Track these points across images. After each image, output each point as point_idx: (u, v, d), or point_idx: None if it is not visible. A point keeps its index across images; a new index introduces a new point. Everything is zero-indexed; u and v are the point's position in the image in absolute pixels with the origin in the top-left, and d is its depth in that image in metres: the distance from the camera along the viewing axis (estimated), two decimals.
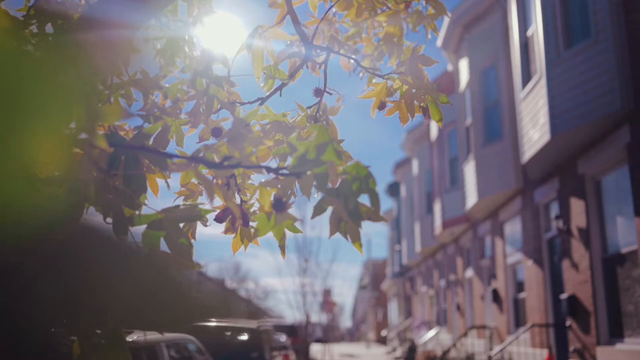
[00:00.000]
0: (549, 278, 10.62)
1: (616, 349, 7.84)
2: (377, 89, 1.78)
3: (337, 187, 1.18)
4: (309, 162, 1.06)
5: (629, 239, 7.80)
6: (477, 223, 15.43)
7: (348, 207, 1.12)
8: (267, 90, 1.56)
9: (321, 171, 1.08)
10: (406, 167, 26.97)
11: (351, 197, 1.12)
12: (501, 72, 12.36)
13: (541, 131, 9.00)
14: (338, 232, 1.18)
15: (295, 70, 1.61)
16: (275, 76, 1.50)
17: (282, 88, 1.57)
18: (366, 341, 48.41)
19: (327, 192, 1.13)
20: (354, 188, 1.08)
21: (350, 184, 1.12)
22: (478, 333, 14.95)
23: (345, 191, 1.14)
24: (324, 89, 1.93)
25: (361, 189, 1.11)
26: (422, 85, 1.93)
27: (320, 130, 1.10)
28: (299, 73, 2.12)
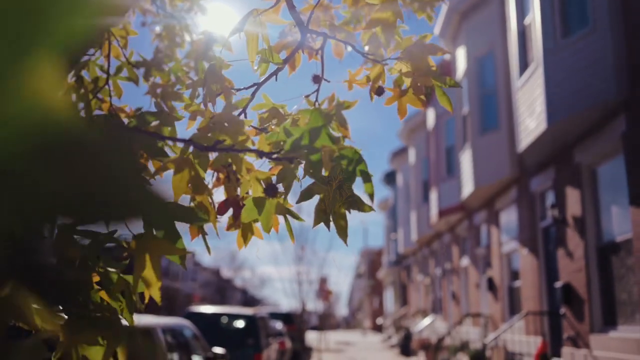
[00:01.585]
0: (544, 266, 10.67)
1: (609, 337, 7.90)
2: (373, 73, 1.77)
3: (330, 173, 1.18)
4: (302, 147, 1.07)
5: (623, 228, 7.84)
6: (473, 212, 15.47)
7: (341, 194, 1.12)
8: (260, 73, 1.55)
9: (316, 158, 1.08)
10: (403, 156, 26.98)
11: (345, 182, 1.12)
12: (498, 60, 12.34)
13: (538, 120, 9.01)
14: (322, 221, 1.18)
15: (290, 55, 1.61)
16: (270, 60, 1.50)
17: (278, 72, 1.56)
18: (362, 329, 48.68)
19: (319, 180, 1.13)
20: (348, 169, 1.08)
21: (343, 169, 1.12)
22: (473, 321, 15.05)
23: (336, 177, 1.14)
24: (321, 75, 1.92)
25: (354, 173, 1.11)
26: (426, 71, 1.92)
27: (313, 114, 1.10)
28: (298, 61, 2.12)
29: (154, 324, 6.07)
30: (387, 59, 1.86)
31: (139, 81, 2.36)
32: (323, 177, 1.14)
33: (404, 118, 1.87)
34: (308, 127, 1.07)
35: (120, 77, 2.14)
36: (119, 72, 2.28)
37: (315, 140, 1.08)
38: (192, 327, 7.80)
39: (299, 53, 1.97)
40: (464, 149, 14.00)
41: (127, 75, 2.26)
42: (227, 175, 1.75)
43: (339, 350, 25.07)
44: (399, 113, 1.88)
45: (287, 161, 1.13)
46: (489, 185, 12.54)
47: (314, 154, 1.08)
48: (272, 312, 20.75)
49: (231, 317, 12.09)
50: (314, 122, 1.08)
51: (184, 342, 7.07)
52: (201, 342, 7.73)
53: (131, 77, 2.25)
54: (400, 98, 1.79)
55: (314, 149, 1.08)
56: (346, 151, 1.11)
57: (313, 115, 1.11)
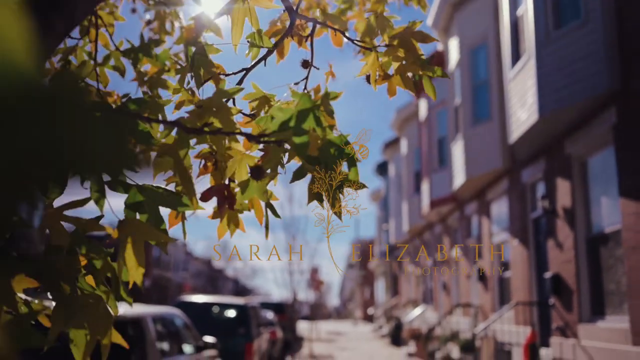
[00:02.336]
0: (534, 257, 10.74)
1: (597, 326, 7.98)
2: (369, 62, 1.77)
3: (318, 156, 1.17)
4: (289, 128, 1.06)
5: (612, 219, 7.89)
6: (464, 203, 15.53)
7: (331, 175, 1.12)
8: (252, 58, 1.54)
9: (302, 141, 1.07)
10: (395, 146, 27.00)
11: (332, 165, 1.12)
12: (491, 51, 12.34)
13: (529, 111, 9.03)
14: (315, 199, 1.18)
15: (280, 40, 1.60)
16: (259, 44, 1.48)
17: (267, 57, 1.55)
18: (353, 319, 48.90)
19: (307, 160, 1.13)
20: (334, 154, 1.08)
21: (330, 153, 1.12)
22: (463, 311, 15.15)
23: (325, 160, 1.13)
24: (311, 62, 1.91)
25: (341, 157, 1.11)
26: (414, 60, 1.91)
27: (302, 97, 1.09)
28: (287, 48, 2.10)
29: (144, 312, 6.07)
30: (378, 46, 1.86)
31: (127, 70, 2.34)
32: (312, 158, 1.14)
33: (392, 97, 1.86)
34: (296, 109, 1.07)
35: (108, 65, 2.12)
36: (107, 60, 2.25)
37: (303, 122, 1.07)
38: (182, 316, 7.80)
39: (288, 40, 1.96)
40: (455, 140, 14.03)
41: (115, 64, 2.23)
42: (214, 163, 1.74)
43: (330, 340, 25.19)
44: (389, 92, 1.88)
45: (275, 144, 1.12)
46: (481, 176, 12.58)
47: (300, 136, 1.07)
48: (263, 301, 20.79)
49: (222, 306, 12.11)
50: (303, 104, 1.08)
51: (174, 331, 7.07)
52: (192, 331, 7.74)
53: (118, 67, 2.22)
54: (387, 80, 1.78)
55: (301, 130, 1.07)
56: (334, 137, 1.11)
57: (302, 98, 1.10)
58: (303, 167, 1.20)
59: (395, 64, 1.89)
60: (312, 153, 1.12)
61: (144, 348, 5.66)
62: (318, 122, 1.12)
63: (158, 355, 5.93)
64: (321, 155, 1.18)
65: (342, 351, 19.99)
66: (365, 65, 1.69)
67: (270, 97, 1.57)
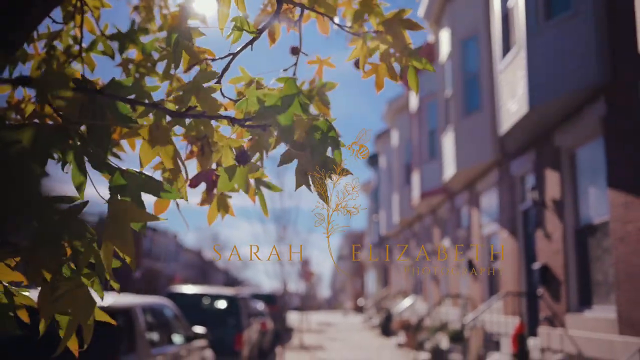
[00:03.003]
0: (523, 248, 10.81)
1: (585, 316, 8.05)
2: (357, 47, 1.76)
3: (304, 141, 1.17)
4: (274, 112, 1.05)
5: (601, 211, 7.95)
6: (454, 194, 15.59)
7: (315, 159, 1.11)
8: (233, 41, 1.53)
9: (286, 123, 1.07)
10: (386, 138, 27.03)
11: (318, 149, 1.11)
12: (482, 43, 12.35)
13: (519, 103, 9.05)
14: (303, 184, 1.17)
15: (267, 24, 1.58)
16: (244, 28, 1.47)
17: (253, 42, 1.54)
18: (344, 310, 49.08)
19: (293, 145, 1.12)
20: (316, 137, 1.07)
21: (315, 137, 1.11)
22: (453, 302, 15.24)
23: (311, 144, 1.13)
24: (299, 48, 1.90)
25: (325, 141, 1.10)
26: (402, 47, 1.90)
27: (287, 82, 1.08)
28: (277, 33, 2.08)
29: (133, 303, 6.05)
30: (367, 32, 1.85)
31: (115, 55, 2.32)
32: (297, 144, 1.13)
33: (380, 91, 1.86)
34: (281, 94, 1.06)
35: (96, 50, 2.09)
36: (94, 45, 2.22)
37: (288, 107, 1.07)
38: (172, 306, 7.79)
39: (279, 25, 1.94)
40: (446, 132, 14.05)
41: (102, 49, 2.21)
42: (200, 147, 1.73)
43: (321, 331, 25.28)
44: (376, 86, 1.87)
45: (260, 129, 1.11)
46: (471, 168, 12.62)
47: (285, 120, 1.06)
48: (254, 292, 20.81)
49: (213, 297, 12.11)
50: (288, 90, 1.07)
51: (164, 322, 7.06)
52: (182, 322, 7.73)
53: (106, 51, 2.20)
54: (377, 70, 1.78)
55: (287, 116, 1.06)
56: (319, 122, 1.10)
57: (287, 83, 1.09)
58: (291, 152, 1.20)
59: (381, 47, 1.88)
60: (298, 138, 1.11)
61: (133, 338, 5.65)
62: (303, 107, 1.11)
63: (147, 345, 5.92)
64: (306, 140, 1.17)
65: (333, 342, 20.07)
66: (354, 50, 1.68)
67: (258, 81, 1.56)
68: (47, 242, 1.12)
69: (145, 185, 1.27)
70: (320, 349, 17.65)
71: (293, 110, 1.06)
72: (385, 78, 1.96)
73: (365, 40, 1.68)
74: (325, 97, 1.79)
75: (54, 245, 1.19)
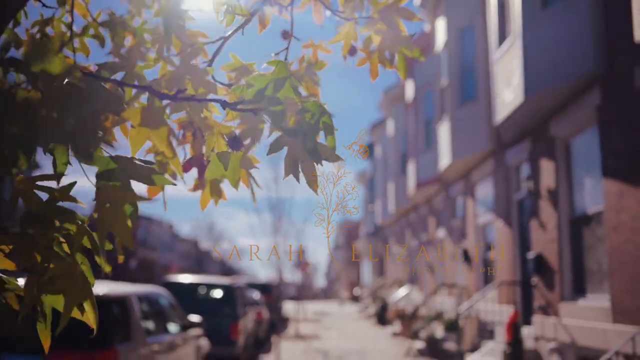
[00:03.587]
0: (518, 238, 10.85)
1: (578, 305, 8.10)
2: (344, 31, 1.75)
3: (295, 126, 1.16)
4: (265, 97, 1.04)
5: (595, 200, 7.98)
6: (449, 184, 15.61)
7: (306, 145, 1.11)
8: (226, 24, 1.52)
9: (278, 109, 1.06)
10: (382, 127, 27.00)
11: (309, 134, 1.10)
12: (478, 32, 12.32)
13: (515, 92, 9.04)
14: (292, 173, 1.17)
15: (258, 8, 1.57)
16: (236, 12, 1.46)
17: (245, 25, 1.53)
18: (339, 299, 49.25)
19: (284, 131, 1.12)
20: (311, 123, 1.07)
21: (308, 122, 1.11)
22: (448, 291, 15.30)
23: (303, 130, 1.12)
24: (291, 32, 1.89)
25: (318, 126, 1.09)
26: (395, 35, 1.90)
27: (279, 66, 1.08)
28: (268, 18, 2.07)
29: (128, 291, 6.06)
30: (360, 17, 1.84)
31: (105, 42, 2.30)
32: (289, 130, 1.13)
33: (376, 79, 1.86)
34: (272, 77, 1.05)
35: (87, 34, 2.08)
36: (87, 31, 2.21)
37: (279, 90, 1.06)
38: (168, 295, 7.81)
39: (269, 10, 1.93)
40: (442, 121, 14.05)
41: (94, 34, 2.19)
42: (194, 133, 1.72)
43: (317, 320, 25.37)
44: (371, 74, 1.87)
45: (251, 113, 1.11)
46: (466, 158, 12.63)
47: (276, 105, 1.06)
48: (249, 282, 20.85)
49: (208, 286, 12.14)
50: (279, 73, 1.06)
51: (159, 310, 7.07)
52: (177, 311, 7.75)
53: (98, 36, 2.18)
54: (370, 59, 1.77)
55: (277, 99, 1.06)
56: (310, 104, 1.09)
57: (278, 66, 1.09)
58: (280, 139, 1.19)
59: (376, 38, 1.88)
60: (289, 121, 1.11)
61: (129, 327, 5.66)
62: (295, 91, 1.11)
63: (143, 333, 5.94)
64: (298, 125, 1.17)
65: (328, 331, 20.16)
66: (339, 34, 1.67)
67: (249, 67, 1.55)
68: (36, 222, 1.12)
69: (136, 171, 1.26)
70: (316, 338, 17.73)
71: (284, 94, 1.06)
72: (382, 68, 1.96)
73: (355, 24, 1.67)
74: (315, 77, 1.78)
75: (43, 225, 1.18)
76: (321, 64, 2.05)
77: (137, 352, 5.64)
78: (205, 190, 1.78)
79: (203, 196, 1.79)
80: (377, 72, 1.97)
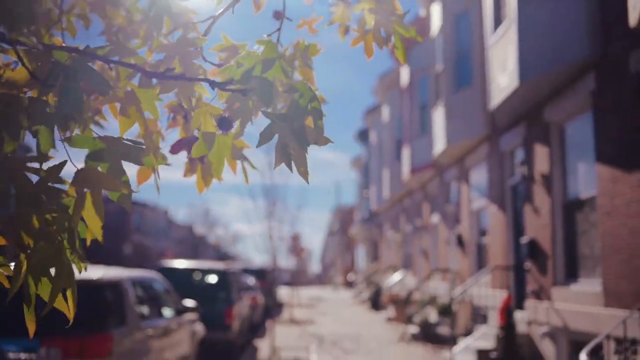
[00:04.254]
0: (512, 223, 10.89)
1: (570, 289, 8.16)
2: (339, 12, 1.73)
3: (285, 112, 1.15)
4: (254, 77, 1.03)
5: (588, 185, 8.00)
6: (444, 169, 15.63)
7: (293, 126, 1.09)
8: (217, 2, 1.50)
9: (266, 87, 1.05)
10: (377, 113, 26.95)
11: (297, 117, 1.09)
12: (473, 17, 12.26)
13: (510, 77, 9.02)
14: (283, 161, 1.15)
15: None
16: None
17: (235, 4, 1.51)
18: (334, 285, 49.46)
19: (273, 116, 1.10)
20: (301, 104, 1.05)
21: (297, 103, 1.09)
22: (442, 276, 15.38)
23: (292, 113, 1.11)
24: (283, 12, 1.87)
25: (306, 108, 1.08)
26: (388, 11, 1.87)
27: (268, 45, 1.06)
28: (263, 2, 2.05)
29: (122, 276, 6.06)
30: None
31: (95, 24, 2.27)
32: (279, 115, 1.11)
33: (370, 57, 1.84)
34: (261, 57, 1.04)
35: (73, 13, 2.04)
36: (72, 9, 2.17)
37: (268, 70, 1.04)
38: (162, 280, 7.81)
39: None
40: (436, 107, 14.03)
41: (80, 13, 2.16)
42: (184, 116, 1.71)
43: (311, 306, 25.49)
44: (366, 52, 1.85)
45: (241, 93, 1.09)
46: (461, 143, 12.64)
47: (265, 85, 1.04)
48: (244, 267, 20.89)
49: (203, 272, 12.15)
50: (268, 53, 1.05)
51: (154, 295, 7.08)
52: (172, 295, 7.76)
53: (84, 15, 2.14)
54: (364, 38, 1.75)
55: (266, 80, 1.04)
56: (299, 84, 1.08)
57: (268, 46, 1.07)
58: (271, 128, 1.17)
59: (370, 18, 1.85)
60: (278, 101, 1.10)
61: (123, 311, 5.67)
62: (284, 71, 1.09)
63: (137, 318, 5.95)
64: (287, 109, 1.15)
65: (323, 316, 20.26)
66: (334, 15, 1.66)
67: (240, 47, 1.54)
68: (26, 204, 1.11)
69: (126, 151, 1.24)
70: (310, 323, 17.82)
71: (273, 74, 1.05)
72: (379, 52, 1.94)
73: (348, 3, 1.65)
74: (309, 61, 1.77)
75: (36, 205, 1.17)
76: (314, 48, 2.03)
77: (132, 336, 5.65)
78: (198, 175, 1.77)
79: (198, 179, 1.78)
80: (371, 50, 1.95)
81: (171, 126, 1.64)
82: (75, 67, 1.09)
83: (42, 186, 1.22)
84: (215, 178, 1.52)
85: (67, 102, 1.09)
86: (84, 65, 1.09)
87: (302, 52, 1.97)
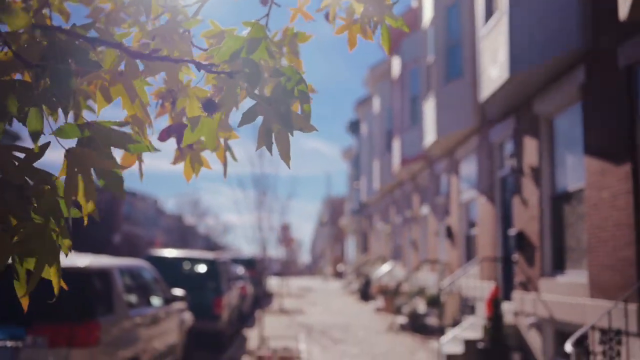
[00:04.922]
0: (500, 215, 10.96)
1: (557, 281, 8.23)
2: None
3: (270, 94, 1.14)
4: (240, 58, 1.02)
5: (577, 178, 8.06)
6: (434, 161, 15.67)
7: (279, 110, 1.09)
8: None
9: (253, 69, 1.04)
10: (368, 104, 26.94)
11: (283, 100, 1.08)
12: (465, 8, 12.26)
13: (500, 69, 9.04)
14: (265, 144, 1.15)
15: None
16: None
17: None
18: (323, 275, 49.60)
19: (259, 98, 1.10)
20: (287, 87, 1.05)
21: (283, 87, 1.09)
22: (431, 267, 15.47)
23: (278, 96, 1.10)
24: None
25: (293, 92, 1.07)
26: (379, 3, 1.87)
27: (254, 27, 1.06)
28: None
29: (110, 264, 6.04)
30: None
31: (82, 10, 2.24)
32: (263, 97, 1.11)
33: (353, 49, 1.83)
34: (247, 37, 1.03)
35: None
36: None
37: (254, 51, 1.04)
38: (151, 268, 7.80)
39: None
40: (427, 98, 14.04)
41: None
42: (172, 102, 1.70)
43: (300, 296, 25.56)
44: (349, 44, 1.84)
45: (227, 76, 1.09)
46: (451, 135, 12.67)
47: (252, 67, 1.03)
48: (234, 257, 20.89)
49: (192, 261, 12.12)
50: (254, 33, 1.04)
51: (142, 284, 7.07)
52: (160, 284, 7.75)
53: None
54: (350, 28, 1.75)
55: (252, 61, 1.04)
56: (286, 68, 1.07)
57: (254, 27, 1.06)
58: (254, 109, 1.17)
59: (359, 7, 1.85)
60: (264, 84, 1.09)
61: (111, 299, 5.66)
62: (270, 53, 1.09)
63: (125, 306, 5.94)
64: (273, 92, 1.15)
65: (312, 306, 20.33)
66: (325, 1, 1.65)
67: (228, 33, 1.52)
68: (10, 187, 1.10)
69: (113, 137, 1.24)
70: (299, 313, 17.87)
71: (259, 56, 1.04)
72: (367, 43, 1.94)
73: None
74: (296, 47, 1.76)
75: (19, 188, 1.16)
76: (303, 35, 2.02)
77: (120, 324, 5.64)
78: (187, 162, 1.76)
79: (186, 167, 1.77)
80: (355, 42, 1.94)
81: (160, 113, 1.63)
82: (62, 47, 1.08)
83: (26, 166, 1.21)
84: (207, 167, 1.51)
85: (55, 83, 1.08)
86: (72, 45, 1.08)
87: (290, 38, 1.96)
